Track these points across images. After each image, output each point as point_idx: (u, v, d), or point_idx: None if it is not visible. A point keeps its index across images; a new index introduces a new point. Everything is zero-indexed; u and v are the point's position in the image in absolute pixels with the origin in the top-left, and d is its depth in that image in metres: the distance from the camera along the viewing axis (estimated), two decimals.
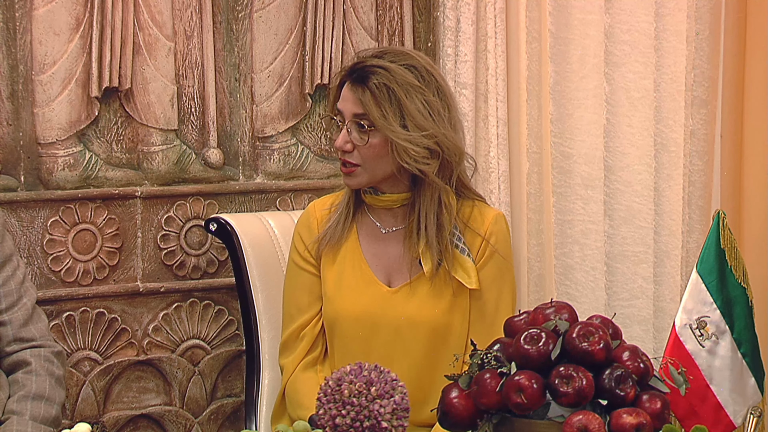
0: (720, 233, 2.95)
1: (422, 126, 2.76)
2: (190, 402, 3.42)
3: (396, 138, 2.75)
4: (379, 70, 2.77)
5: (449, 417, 2.27)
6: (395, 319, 2.82)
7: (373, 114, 2.76)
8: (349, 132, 2.80)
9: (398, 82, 2.76)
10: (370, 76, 2.77)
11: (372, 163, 2.80)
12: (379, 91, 2.76)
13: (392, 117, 2.76)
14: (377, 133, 2.78)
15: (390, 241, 2.88)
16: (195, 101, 3.39)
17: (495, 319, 2.83)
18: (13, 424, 2.65)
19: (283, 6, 3.48)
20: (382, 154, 2.79)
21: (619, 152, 3.66)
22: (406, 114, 2.76)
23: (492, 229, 2.86)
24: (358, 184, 2.84)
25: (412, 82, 2.77)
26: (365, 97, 2.77)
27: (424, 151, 2.77)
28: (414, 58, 2.83)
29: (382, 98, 2.76)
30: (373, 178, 2.82)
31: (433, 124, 2.77)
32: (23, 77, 3.18)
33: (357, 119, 2.79)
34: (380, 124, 2.75)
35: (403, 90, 2.76)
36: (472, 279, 2.81)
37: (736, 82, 3.57)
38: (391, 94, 2.76)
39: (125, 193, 3.31)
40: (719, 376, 2.92)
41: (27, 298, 2.78)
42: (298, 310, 2.91)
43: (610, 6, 3.64)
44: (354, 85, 2.79)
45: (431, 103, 2.79)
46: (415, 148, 2.75)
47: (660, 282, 3.65)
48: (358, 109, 2.78)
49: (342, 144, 2.80)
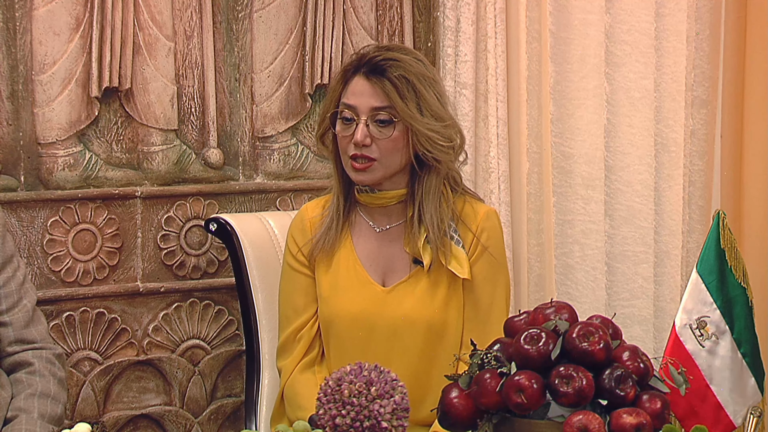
0: (720, 233, 2.95)
1: (439, 116, 2.78)
2: (190, 402, 3.42)
3: (421, 127, 2.75)
4: (394, 62, 2.77)
5: (449, 417, 2.27)
6: (391, 318, 2.82)
7: (398, 105, 2.75)
8: (367, 126, 2.79)
9: (414, 72, 2.77)
10: (387, 68, 2.76)
11: (389, 157, 2.79)
12: (400, 81, 2.75)
13: (413, 108, 2.76)
14: (398, 125, 2.77)
15: (384, 239, 2.88)
16: (195, 101, 3.39)
17: (489, 316, 2.83)
18: (22, 422, 2.66)
19: (283, 6, 3.48)
20: (400, 147, 2.78)
21: (619, 152, 3.66)
22: (423, 104, 2.77)
23: (483, 225, 2.86)
24: (372, 179, 2.82)
25: (425, 73, 2.79)
26: (387, 88, 2.75)
27: (446, 140, 2.77)
28: (416, 53, 2.87)
29: (403, 89, 2.76)
30: (387, 172, 2.81)
31: (447, 113, 2.80)
32: (23, 77, 3.18)
33: (376, 112, 2.77)
34: (405, 114, 2.75)
35: (419, 80, 2.77)
36: (464, 269, 2.81)
37: (736, 82, 3.58)
38: (410, 84, 2.76)
39: (125, 193, 3.31)
40: (719, 376, 2.92)
41: (27, 300, 2.78)
42: (295, 312, 2.90)
43: (610, 6, 3.64)
44: (371, 77, 2.77)
45: (442, 93, 2.82)
46: (438, 136, 2.76)
47: (660, 282, 3.65)
48: (378, 101, 2.77)
49: (362, 138, 2.76)
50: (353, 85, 2.80)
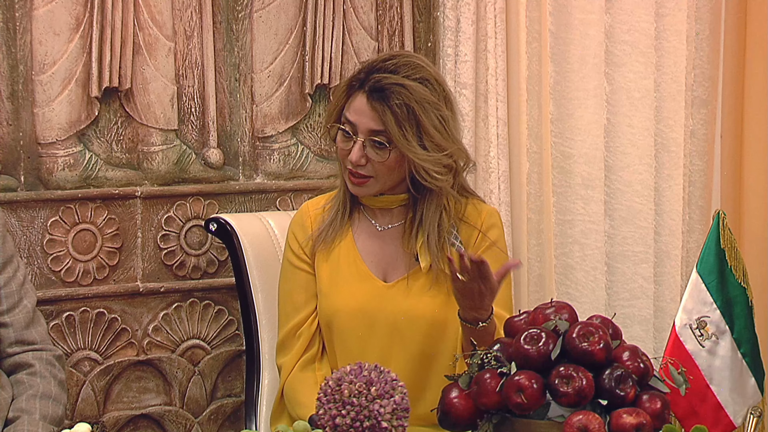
0: (720, 233, 2.95)
1: (440, 144, 2.77)
2: (190, 402, 3.42)
3: (416, 158, 2.75)
4: (398, 88, 2.76)
5: (449, 417, 2.27)
6: (392, 314, 2.82)
7: (395, 135, 2.75)
8: (364, 146, 2.79)
9: (417, 100, 2.76)
10: (391, 95, 2.76)
11: (384, 176, 2.81)
12: (400, 110, 2.75)
13: (411, 137, 2.76)
14: (395, 150, 2.78)
15: (386, 238, 2.88)
16: (195, 101, 3.39)
17: None
18: (24, 423, 2.66)
19: (283, 6, 3.47)
20: (396, 168, 2.80)
21: (619, 152, 3.66)
22: (424, 133, 2.76)
23: (489, 222, 2.87)
24: (367, 193, 2.85)
25: (429, 98, 2.77)
26: (386, 116, 2.75)
27: (443, 169, 2.78)
28: (424, 69, 2.82)
29: (403, 118, 2.75)
30: (383, 187, 2.84)
31: (449, 140, 2.79)
32: (23, 77, 3.18)
33: (374, 135, 2.78)
34: (402, 144, 2.75)
35: (421, 108, 2.76)
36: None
37: (736, 82, 3.58)
38: (410, 113, 2.75)
39: (125, 193, 3.31)
40: (719, 376, 2.92)
41: (27, 300, 2.78)
42: (294, 308, 2.91)
43: (610, 6, 3.64)
44: (373, 101, 2.77)
45: (445, 118, 2.80)
46: (434, 167, 2.76)
47: (660, 282, 3.65)
48: (376, 125, 2.77)
49: (357, 158, 2.78)
50: (356, 101, 2.80)
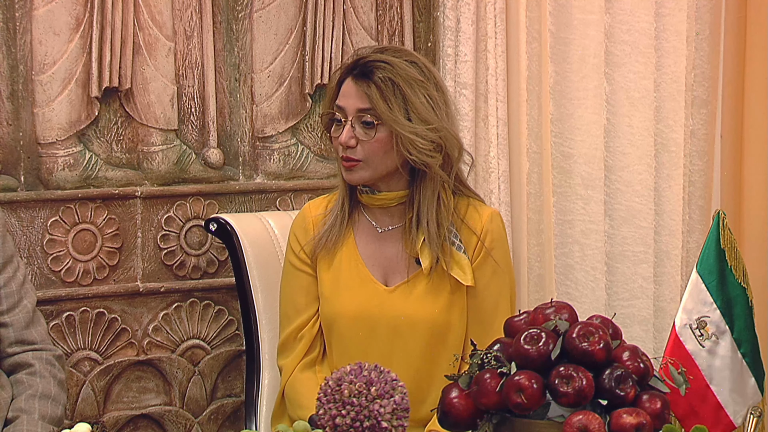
0: (720, 233, 2.95)
1: (426, 119, 2.77)
2: (190, 402, 3.42)
3: (402, 130, 2.75)
4: (382, 64, 2.78)
5: (449, 417, 2.27)
6: (393, 318, 2.82)
7: (379, 107, 2.76)
8: (353, 127, 2.80)
9: (402, 75, 2.77)
10: (375, 70, 2.78)
11: (375, 159, 2.80)
12: (385, 84, 2.77)
13: (397, 110, 2.76)
14: (382, 128, 2.78)
15: (386, 240, 2.88)
16: (195, 101, 3.39)
17: (494, 319, 2.83)
18: (24, 423, 2.66)
19: (283, 6, 3.48)
20: (386, 149, 2.80)
21: (619, 152, 3.66)
22: (410, 107, 2.77)
23: (488, 228, 2.86)
24: (359, 179, 2.83)
25: (415, 76, 2.79)
26: (371, 91, 2.77)
27: (430, 144, 2.77)
28: (413, 55, 2.88)
29: (388, 92, 2.77)
30: (375, 173, 2.82)
31: (436, 117, 2.79)
32: (23, 77, 3.18)
33: (361, 114, 2.79)
34: (386, 117, 2.76)
35: (407, 83, 2.77)
36: (467, 276, 2.81)
37: (736, 82, 3.58)
38: (396, 87, 2.77)
39: (125, 193, 3.31)
40: (719, 376, 2.92)
41: (27, 300, 2.78)
42: (296, 310, 2.91)
43: (610, 6, 3.64)
44: (358, 80, 2.79)
45: (433, 97, 2.81)
46: (421, 140, 2.76)
47: (660, 282, 3.65)
48: (363, 103, 2.79)
49: (346, 139, 2.79)
50: (344, 87, 2.83)
